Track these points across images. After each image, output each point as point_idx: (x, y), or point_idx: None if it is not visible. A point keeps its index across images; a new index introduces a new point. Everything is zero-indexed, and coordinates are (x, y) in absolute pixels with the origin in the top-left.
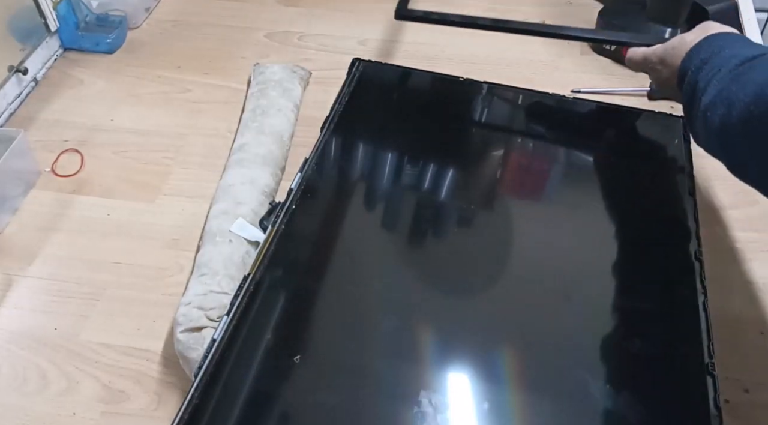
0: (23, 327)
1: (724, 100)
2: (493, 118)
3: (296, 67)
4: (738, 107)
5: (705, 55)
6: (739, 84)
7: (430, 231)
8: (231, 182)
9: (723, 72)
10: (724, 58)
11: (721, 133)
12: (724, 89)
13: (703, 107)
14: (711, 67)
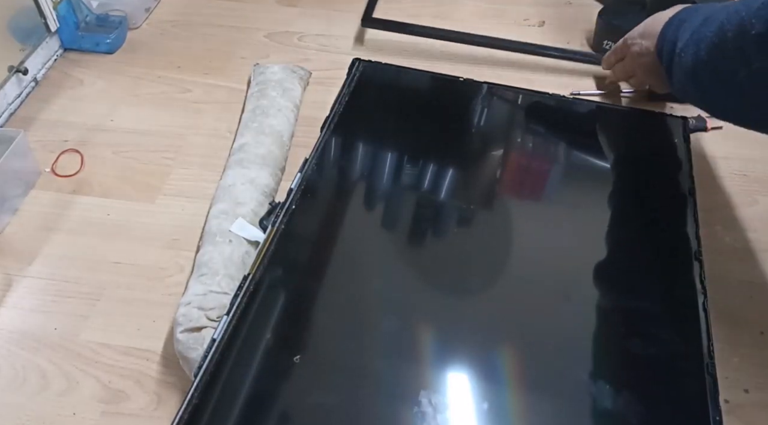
0: (23, 327)
1: (695, 41)
2: (492, 118)
3: (296, 68)
4: (705, 42)
5: (683, 16)
6: (707, 25)
7: (429, 231)
8: (231, 182)
9: (696, 22)
10: (699, 15)
11: (693, 71)
12: (695, 32)
13: (678, 50)
14: (689, 23)
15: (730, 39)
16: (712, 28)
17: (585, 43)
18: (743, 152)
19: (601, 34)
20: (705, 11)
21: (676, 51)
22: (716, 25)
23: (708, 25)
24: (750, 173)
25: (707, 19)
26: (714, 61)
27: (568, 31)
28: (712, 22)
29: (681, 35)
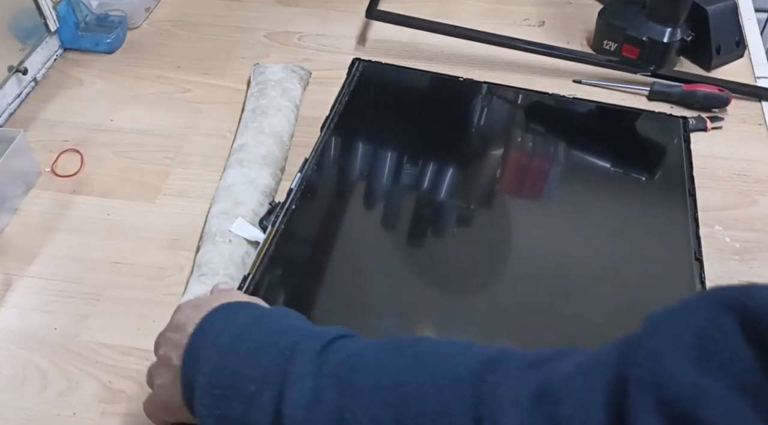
0: (23, 327)
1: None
2: (492, 118)
3: (296, 67)
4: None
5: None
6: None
7: (429, 231)
8: (231, 182)
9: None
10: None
11: None
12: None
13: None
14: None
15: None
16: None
17: (585, 43)
18: (743, 152)
19: (601, 34)
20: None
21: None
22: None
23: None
24: (750, 173)
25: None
26: None
27: (568, 31)
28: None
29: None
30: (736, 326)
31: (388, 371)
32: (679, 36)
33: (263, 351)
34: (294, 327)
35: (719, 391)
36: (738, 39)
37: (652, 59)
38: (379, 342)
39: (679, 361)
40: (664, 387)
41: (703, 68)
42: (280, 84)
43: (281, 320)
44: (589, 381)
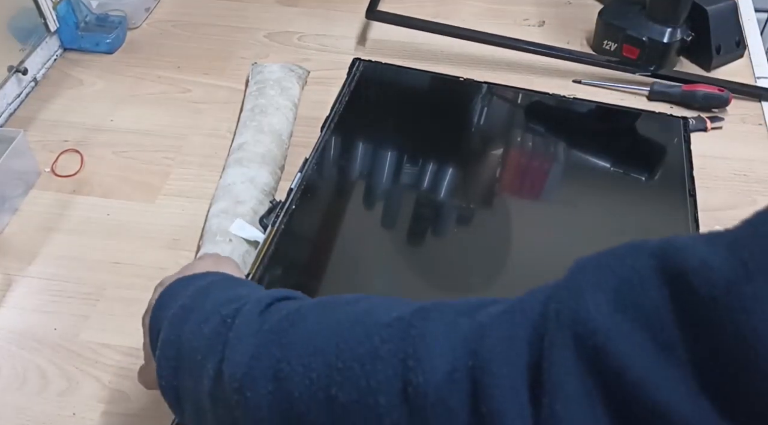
0: (23, 326)
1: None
2: (492, 118)
3: (294, 66)
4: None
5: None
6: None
7: (429, 231)
8: (231, 181)
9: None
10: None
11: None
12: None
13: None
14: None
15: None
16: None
17: (585, 43)
18: (743, 152)
19: (601, 34)
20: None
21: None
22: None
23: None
24: (750, 173)
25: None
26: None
27: (568, 31)
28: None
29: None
30: (654, 270)
31: (324, 323)
32: (679, 36)
33: (208, 320)
34: (239, 295)
35: (628, 328)
36: (738, 39)
37: (652, 59)
38: (320, 299)
39: (598, 301)
40: (581, 323)
41: (703, 68)
42: (279, 83)
43: (228, 289)
44: (514, 319)
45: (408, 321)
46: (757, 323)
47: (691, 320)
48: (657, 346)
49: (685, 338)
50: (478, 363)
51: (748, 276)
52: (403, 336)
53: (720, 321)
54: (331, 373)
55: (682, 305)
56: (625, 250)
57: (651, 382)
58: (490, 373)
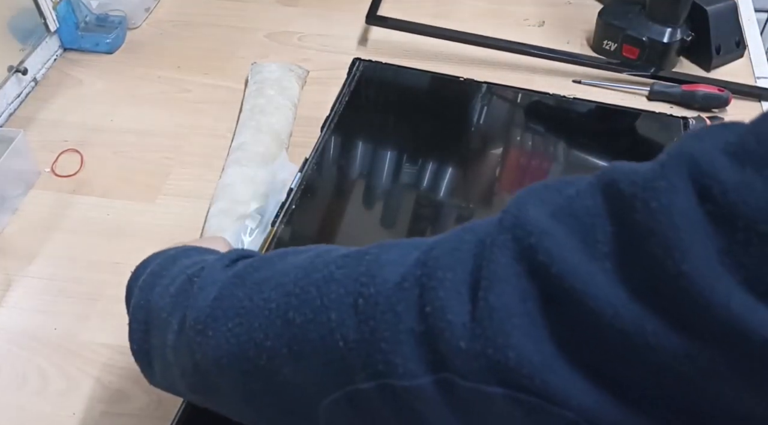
0: (23, 326)
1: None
2: (492, 118)
3: (294, 66)
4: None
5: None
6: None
7: (429, 230)
8: (230, 181)
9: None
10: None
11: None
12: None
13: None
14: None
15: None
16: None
17: (585, 43)
18: None
19: (601, 34)
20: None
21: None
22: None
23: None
24: None
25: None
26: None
27: (568, 31)
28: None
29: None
30: (591, 184)
31: (287, 263)
32: (679, 36)
33: (174, 281)
34: (205, 259)
35: (561, 231)
36: (738, 39)
37: (652, 59)
38: (281, 249)
39: (538, 210)
40: (520, 226)
41: (703, 68)
42: (278, 83)
43: (195, 255)
44: (462, 235)
45: (365, 250)
46: (665, 211)
47: (616, 218)
48: (582, 243)
49: (607, 235)
50: (425, 271)
51: (662, 174)
52: (359, 261)
53: (637, 214)
54: (289, 299)
55: (608, 206)
56: (573, 177)
57: (573, 273)
58: (435, 277)
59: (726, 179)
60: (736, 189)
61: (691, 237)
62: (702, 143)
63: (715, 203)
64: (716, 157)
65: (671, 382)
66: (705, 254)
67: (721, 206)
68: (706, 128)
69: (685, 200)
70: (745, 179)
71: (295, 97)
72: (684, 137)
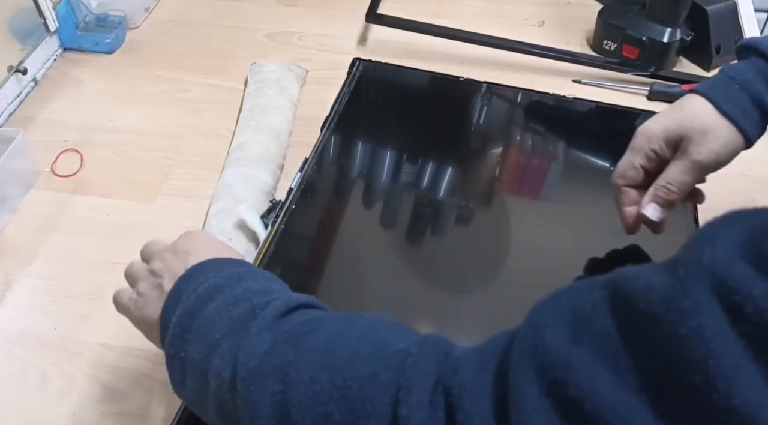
0: (23, 327)
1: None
2: (492, 118)
3: (293, 66)
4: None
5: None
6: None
7: (429, 230)
8: (230, 181)
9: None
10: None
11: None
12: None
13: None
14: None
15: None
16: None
17: (585, 43)
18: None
19: (601, 34)
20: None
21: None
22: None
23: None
24: (749, 173)
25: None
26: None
27: (568, 31)
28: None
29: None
30: (605, 299)
31: (340, 337)
32: (678, 36)
33: (237, 305)
34: (271, 289)
35: (586, 358)
36: (738, 39)
37: (652, 59)
38: (342, 313)
39: (556, 334)
40: (541, 356)
41: (703, 68)
42: (278, 82)
43: (262, 281)
44: (484, 355)
45: (409, 350)
46: (697, 336)
47: (640, 342)
48: (612, 373)
49: (637, 362)
50: (451, 401)
51: (684, 292)
52: (403, 364)
53: (665, 339)
54: (332, 390)
55: (632, 328)
56: (579, 285)
57: (610, 410)
58: (462, 410)
59: (758, 294)
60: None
61: (733, 365)
62: (716, 249)
63: (750, 322)
64: (738, 268)
65: None
66: (752, 383)
67: (757, 325)
68: (713, 224)
69: (716, 322)
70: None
71: (294, 97)
72: (694, 241)
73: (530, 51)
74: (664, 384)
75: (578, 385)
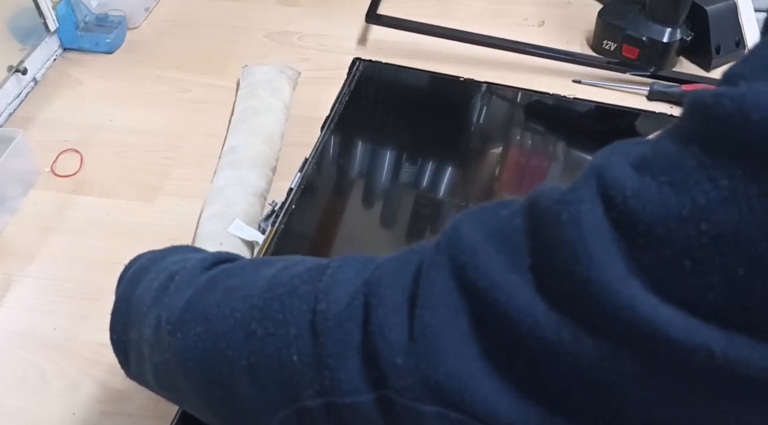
0: (23, 327)
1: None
2: (492, 118)
3: (285, 68)
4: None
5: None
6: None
7: (429, 230)
8: (222, 184)
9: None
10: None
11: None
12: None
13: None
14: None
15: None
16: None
17: (585, 43)
18: None
19: (600, 34)
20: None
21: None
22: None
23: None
24: None
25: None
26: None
27: (568, 31)
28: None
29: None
30: (521, 207)
31: (257, 274)
32: (678, 36)
33: (158, 277)
34: (190, 257)
35: (491, 248)
36: (738, 39)
37: (652, 59)
38: (260, 258)
39: (472, 230)
40: (454, 246)
41: (703, 68)
42: (271, 84)
43: (183, 253)
44: (405, 255)
45: (327, 264)
46: (573, 220)
47: (534, 233)
48: (508, 259)
49: (528, 249)
50: (370, 289)
51: (573, 188)
52: (320, 276)
53: (550, 227)
54: (252, 312)
55: (531, 222)
56: (508, 200)
57: (497, 287)
58: (377, 295)
59: (627, 186)
60: (635, 196)
61: (597, 244)
62: (611, 157)
63: (618, 210)
64: (621, 168)
65: (594, 390)
66: (610, 259)
67: (622, 212)
68: (619, 143)
69: (592, 209)
70: (643, 185)
71: (287, 98)
72: (597, 153)
73: (530, 51)
74: (545, 265)
75: (476, 266)
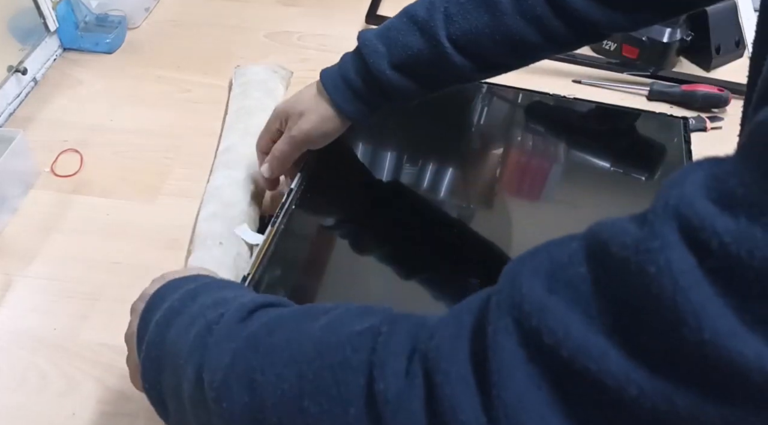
0: (23, 327)
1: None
2: (493, 118)
3: (278, 68)
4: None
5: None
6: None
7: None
8: (218, 184)
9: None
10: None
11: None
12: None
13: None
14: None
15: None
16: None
17: None
18: None
19: None
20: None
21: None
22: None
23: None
24: None
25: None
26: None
27: None
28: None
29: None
30: (581, 249)
31: (300, 332)
32: (678, 36)
33: (193, 324)
34: (225, 298)
35: (561, 305)
36: (738, 39)
37: (652, 59)
38: (299, 307)
39: (532, 285)
40: (518, 307)
41: (703, 68)
42: (264, 84)
43: (215, 292)
44: (459, 317)
45: (377, 327)
46: (666, 274)
47: (612, 285)
48: (585, 317)
49: (609, 305)
50: (428, 365)
51: (653, 233)
52: (373, 344)
53: (634, 280)
54: (302, 384)
55: (604, 273)
56: (559, 239)
57: (583, 353)
58: (440, 371)
59: (719, 229)
60: (736, 242)
61: (701, 300)
62: (682, 190)
63: (715, 257)
64: (704, 207)
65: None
66: (721, 317)
67: (723, 260)
68: (681, 171)
69: (684, 259)
70: (742, 228)
71: (280, 98)
72: (663, 187)
73: None
74: (635, 325)
75: (552, 331)
